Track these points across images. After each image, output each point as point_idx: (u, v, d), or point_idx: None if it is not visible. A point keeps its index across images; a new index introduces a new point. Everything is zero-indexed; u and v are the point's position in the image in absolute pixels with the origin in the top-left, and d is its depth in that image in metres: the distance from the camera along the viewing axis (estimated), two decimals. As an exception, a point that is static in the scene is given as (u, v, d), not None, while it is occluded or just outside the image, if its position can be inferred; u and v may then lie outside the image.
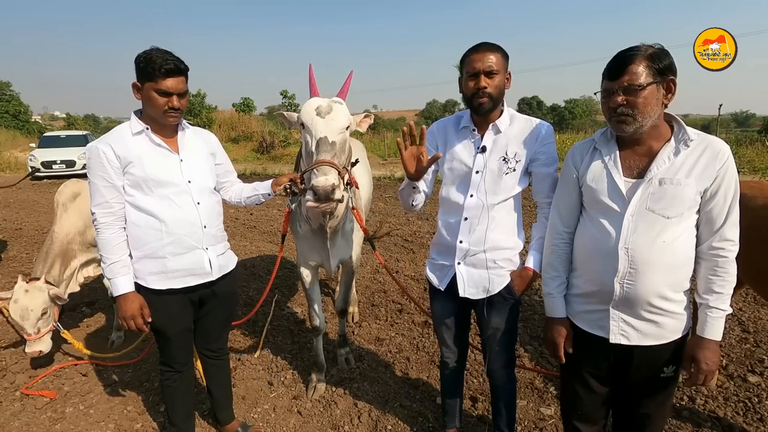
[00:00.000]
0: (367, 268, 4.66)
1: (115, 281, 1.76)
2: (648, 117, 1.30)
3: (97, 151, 1.71)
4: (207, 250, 1.88)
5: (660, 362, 1.41)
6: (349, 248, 2.49)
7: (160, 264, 1.80)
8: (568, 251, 1.56)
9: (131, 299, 1.78)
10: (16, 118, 28.56)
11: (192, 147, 1.89)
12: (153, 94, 1.68)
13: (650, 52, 1.28)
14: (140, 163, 1.73)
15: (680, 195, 1.30)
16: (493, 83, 1.61)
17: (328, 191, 1.69)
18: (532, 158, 1.69)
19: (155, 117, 1.75)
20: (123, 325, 1.80)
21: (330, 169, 1.74)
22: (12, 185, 7.74)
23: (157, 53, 1.67)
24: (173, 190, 1.78)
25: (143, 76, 1.68)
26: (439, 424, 2.29)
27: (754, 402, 2.42)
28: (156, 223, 1.76)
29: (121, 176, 1.74)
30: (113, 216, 1.75)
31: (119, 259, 1.76)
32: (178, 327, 1.92)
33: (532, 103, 45.36)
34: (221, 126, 21.56)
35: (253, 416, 2.45)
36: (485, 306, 1.77)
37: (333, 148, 1.80)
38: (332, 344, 3.10)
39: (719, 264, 1.32)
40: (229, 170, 2.11)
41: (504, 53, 1.64)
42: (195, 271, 1.87)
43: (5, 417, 2.44)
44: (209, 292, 1.95)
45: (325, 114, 1.84)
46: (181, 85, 1.72)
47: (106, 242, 1.75)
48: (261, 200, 2.08)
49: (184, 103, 1.76)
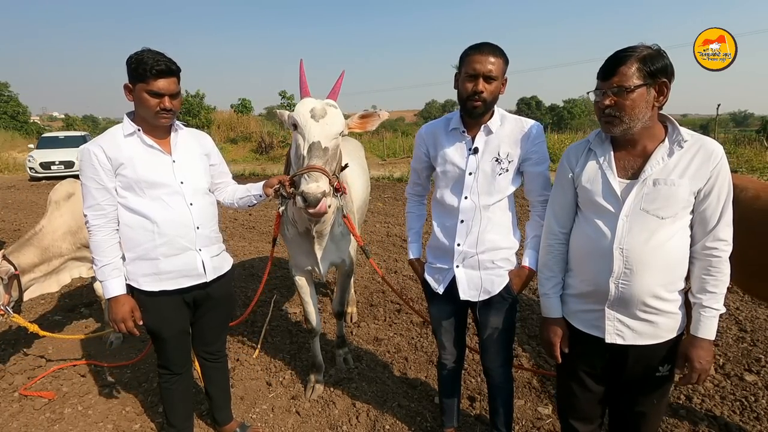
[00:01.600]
0: (366, 268, 4.66)
1: (106, 284, 1.76)
2: (636, 119, 1.31)
3: (89, 153, 1.70)
4: (200, 251, 1.87)
5: (655, 361, 1.42)
6: (340, 252, 2.46)
7: (152, 265, 1.79)
8: (563, 251, 1.56)
9: (122, 302, 1.77)
10: (15, 119, 28.51)
11: (185, 148, 1.88)
12: (145, 96, 1.67)
13: (643, 54, 1.28)
14: (132, 164, 1.72)
15: (674, 195, 1.31)
16: (490, 88, 1.60)
17: (319, 198, 1.68)
18: (524, 158, 1.70)
19: (147, 118, 1.74)
20: (114, 327, 1.79)
21: (320, 175, 1.73)
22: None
23: (149, 54, 1.66)
24: (165, 191, 1.77)
25: (135, 77, 1.67)
26: (437, 424, 2.30)
27: (751, 401, 2.43)
28: (148, 224, 1.76)
29: (112, 178, 1.73)
30: (105, 218, 1.74)
31: (110, 262, 1.75)
32: (174, 329, 1.91)
33: (531, 103, 45.40)
34: (220, 126, 21.54)
35: (251, 416, 2.45)
36: (483, 306, 1.78)
37: (325, 153, 1.78)
38: (330, 344, 3.10)
39: (713, 264, 1.33)
40: (223, 171, 2.09)
41: (505, 58, 1.63)
42: (188, 272, 1.85)
43: (4, 418, 2.44)
44: (204, 293, 1.94)
45: (319, 117, 1.81)
46: (173, 86, 1.71)
47: (98, 244, 1.74)
48: (253, 202, 2.07)
49: (176, 104, 1.75)
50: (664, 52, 1.31)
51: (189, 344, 2.06)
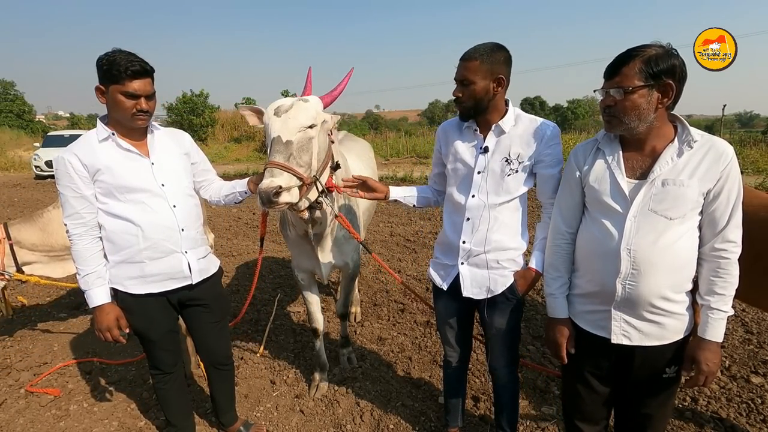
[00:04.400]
0: (369, 267, 4.66)
1: (89, 293, 1.74)
2: (636, 120, 1.30)
3: (63, 162, 1.66)
4: (186, 253, 1.84)
5: (662, 363, 1.41)
6: (343, 255, 2.42)
7: (137, 269, 1.77)
8: (570, 251, 1.56)
9: (107, 311, 1.75)
10: (20, 118, 28.74)
11: (163, 149, 1.84)
12: (120, 97, 1.63)
13: (649, 55, 1.26)
14: (109, 170, 1.68)
15: (683, 196, 1.30)
16: (467, 91, 1.62)
17: (270, 194, 1.62)
18: (537, 159, 1.67)
19: (122, 121, 1.70)
20: (99, 337, 1.77)
21: (279, 171, 1.67)
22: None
23: (121, 55, 1.61)
24: (146, 195, 1.74)
25: (108, 78, 1.62)
26: (441, 424, 2.29)
27: (757, 403, 2.42)
28: (132, 228, 1.73)
29: (90, 185, 1.69)
30: (85, 227, 1.71)
31: (93, 270, 1.73)
32: (161, 330, 1.90)
33: (535, 103, 45.30)
34: (224, 126, 21.61)
35: (255, 414, 2.46)
36: (488, 306, 1.78)
37: (288, 148, 1.73)
38: (334, 344, 3.11)
39: (721, 265, 1.32)
40: (205, 169, 2.05)
41: (487, 58, 1.58)
42: (174, 275, 1.83)
43: (10, 414, 2.46)
44: (189, 294, 1.92)
45: (282, 113, 1.78)
46: (148, 87, 1.67)
47: (80, 253, 1.72)
48: (239, 198, 2.04)
49: (152, 105, 1.71)
50: (675, 51, 1.29)
51: (178, 344, 2.05)
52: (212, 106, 22.50)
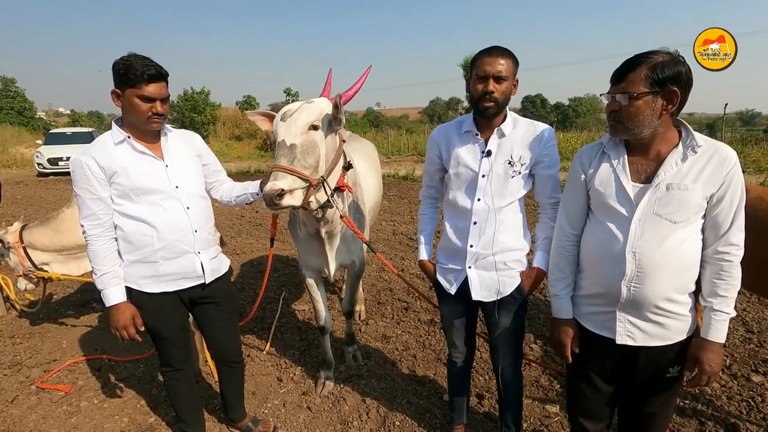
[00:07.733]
0: (373, 266, 4.69)
1: (106, 292, 1.78)
2: (639, 125, 1.33)
3: (81, 164, 1.70)
4: (199, 254, 1.89)
5: (665, 362, 1.45)
6: (350, 254, 2.47)
7: (152, 268, 1.81)
8: (574, 253, 1.58)
9: (122, 309, 1.80)
10: (22, 115, 28.73)
11: (177, 151, 1.88)
12: (136, 101, 1.67)
13: (655, 62, 1.28)
14: (125, 172, 1.73)
15: (687, 200, 1.32)
16: (500, 88, 1.63)
17: (272, 196, 1.66)
18: (536, 161, 1.72)
19: (138, 124, 1.74)
20: (115, 335, 1.82)
21: (283, 174, 1.72)
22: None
23: (137, 59, 1.66)
24: (161, 197, 1.78)
25: (124, 82, 1.66)
26: (446, 421, 2.33)
27: (758, 401, 2.45)
28: (147, 229, 1.77)
29: (107, 187, 1.74)
30: (102, 227, 1.75)
31: (109, 270, 1.77)
32: (173, 327, 1.94)
33: (536, 101, 45.16)
34: (225, 123, 21.61)
35: (263, 411, 2.50)
36: (494, 306, 1.81)
37: (292, 151, 1.77)
38: (340, 341, 3.14)
39: (724, 268, 1.35)
40: (217, 170, 2.10)
41: (515, 59, 1.66)
42: (187, 275, 1.88)
43: (22, 410, 2.50)
44: (201, 293, 1.96)
45: (287, 117, 1.82)
46: (163, 91, 1.71)
47: (96, 253, 1.75)
48: (250, 199, 2.09)
49: (166, 109, 1.76)
50: (682, 58, 1.31)
51: (189, 341, 2.10)
52: (214, 103, 22.51)
